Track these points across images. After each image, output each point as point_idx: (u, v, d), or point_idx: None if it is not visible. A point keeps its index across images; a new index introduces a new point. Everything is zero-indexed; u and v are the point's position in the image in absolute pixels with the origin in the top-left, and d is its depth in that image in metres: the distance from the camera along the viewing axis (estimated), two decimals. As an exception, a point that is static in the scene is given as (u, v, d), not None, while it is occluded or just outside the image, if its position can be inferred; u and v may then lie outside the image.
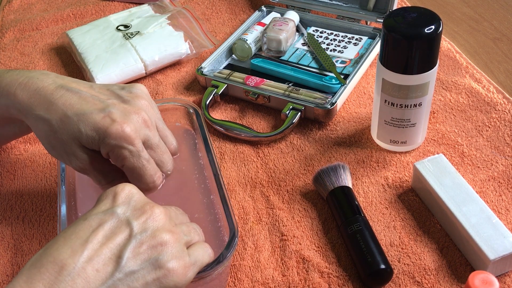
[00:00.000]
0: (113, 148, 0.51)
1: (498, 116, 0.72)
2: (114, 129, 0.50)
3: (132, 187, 0.47)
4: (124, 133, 0.50)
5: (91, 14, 1.01)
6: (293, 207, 0.64)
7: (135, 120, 0.52)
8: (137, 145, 0.51)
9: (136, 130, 0.51)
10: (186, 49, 0.86)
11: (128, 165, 0.52)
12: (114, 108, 0.52)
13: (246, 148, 0.72)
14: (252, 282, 0.57)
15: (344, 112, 0.76)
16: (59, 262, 0.40)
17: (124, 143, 0.51)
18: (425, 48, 0.59)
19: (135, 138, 0.51)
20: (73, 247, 0.41)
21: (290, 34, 0.84)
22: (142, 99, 0.55)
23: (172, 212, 0.49)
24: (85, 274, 0.40)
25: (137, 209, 0.45)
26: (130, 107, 0.53)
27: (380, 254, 0.55)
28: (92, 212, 0.45)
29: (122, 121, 0.51)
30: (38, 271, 0.40)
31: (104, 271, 0.41)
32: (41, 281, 0.39)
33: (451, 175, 0.60)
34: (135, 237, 0.43)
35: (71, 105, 0.52)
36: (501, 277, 0.55)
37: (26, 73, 0.55)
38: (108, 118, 0.51)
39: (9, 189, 0.69)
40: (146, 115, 0.53)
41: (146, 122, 0.53)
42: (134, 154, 0.52)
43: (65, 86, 0.53)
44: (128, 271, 0.42)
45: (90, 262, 0.41)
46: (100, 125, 0.51)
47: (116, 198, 0.45)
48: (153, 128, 0.54)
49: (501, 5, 0.96)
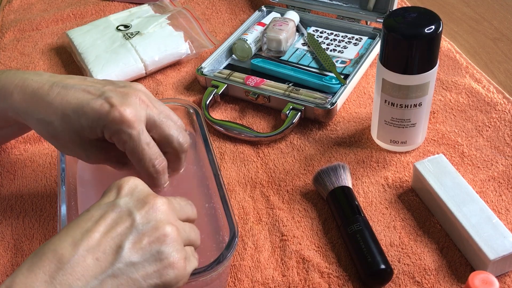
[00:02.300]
0: (114, 132, 0.51)
1: (498, 116, 0.72)
2: (113, 114, 0.50)
3: (136, 179, 0.47)
4: (123, 117, 0.51)
5: (91, 14, 1.01)
6: (293, 207, 0.64)
7: (134, 101, 0.52)
8: (136, 128, 0.51)
9: (135, 113, 0.51)
10: (186, 49, 0.86)
11: (128, 149, 0.52)
12: (111, 93, 0.52)
13: (246, 148, 0.72)
14: (252, 282, 0.57)
15: (344, 112, 0.76)
16: (59, 251, 0.41)
17: (124, 127, 0.51)
18: (425, 48, 0.59)
19: (134, 121, 0.51)
20: (74, 237, 0.42)
21: (290, 34, 0.84)
22: (138, 84, 0.55)
23: (176, 203, 0.48)
24: (84, 263, 0.41)
25: (140, 200, 0.45)
26: (127, 90, 0.53)
27: (380, 254, 0.55)
28: (96, 204, 0.45)
29: (120, 105, 0.51)
30: (39, 259, 0.41)
31: (104, 260, 0.41)
32: (42, 269, 0.40)
33: (451, 175, 0.60)
34: (136, 228, 0.43)
35: (68, 102, 0.52)
36: (501, 277, 0.55)
37: (20, 74, 0.55)
38: (106, 104, 0.51)
39: (9, 189, 0.69)
40: (144, 95, 0.53)
41: (144, 101, 0.53)
42: (134, 138, 0.51)
43: (60, 83, 0.54)
44: (129, 262, 0.42)
45: (91, 251, 0.41)
46: (99, 112, 0.51)
47: (120, 191, 0.46)
48: (153, 106, 0.54)
49: (501, 5, 0.97)
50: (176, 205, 0.48)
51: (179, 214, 0.48)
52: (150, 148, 0.53)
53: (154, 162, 0.53)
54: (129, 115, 0.51)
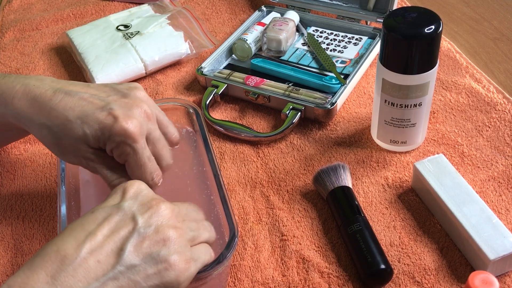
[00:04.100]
0: (117, 145, 0.51)
1: (498, 116, 0.72)
2: (118, 127, 0.51)
3: (142, 184, 0.48)
4: (128, 131, 0.51)
5: (91, 14, 1.01)
6: (293, 207, 0.64)
7: (137, 114, 0.52)
8: (140, 142, 0.52)
9: (140, 126, 0.52)
10: (186, 49, 0.86)
11: (130, 162, 0.52)
12: (115, 105, 0.52)
13: (246, 148, 0.72)
14: (252, 282, 0.57)
15: (344, 112, 0.76)
16: (62, 252, 0.41)
17: (128, 140, 0.51)
18: (425, 48, 0.59)
19: (138, 135, 0.51)
20: (77, 239, 0.42)
21: (290, 34, 0.84)
22: (140, 90, 0.55)
23: (182, 209, 0.49)
24: (86, 265, 0.41)
25: (144, 204, 0.46)
26: (131, 101, 0.53)
27: (380, 254, 0.55)
28: (100, 206, 0.46)
29: (125, 118, 0.51)
30: (41, 259, 0.41)
31: (106, 263, 0.42)
32: (44, 269, 0.40)
33: (451, 175, 0.60)
34: (138, 231, 0.44)
35: (71, 109, 0.52)
36: (501, 277, 0.55)
37: (21, 79, 0.55)
38: (110, 116, 0.51)
39: (9, 189, 0.69)
40: (147, 107, 0.54)
41: (148, 115, 0.53)
42: (137, 152, 0.52)
43: (63, 89, 0.53)
44: (129, 264, 0.42)
45: (93, 253, 0.42)
46: (104, 124, 0.51)
47: (125, 194, 0.46)
48: (154, 120, 0.54)
49: (501, 5, 0.97)
50: (183, 210, 0.49)
51: (186, 218, 0.48)
52: (151, 162, 0.53)
53: (153, 176, 0.54)
54: (133, 129, 0.51)
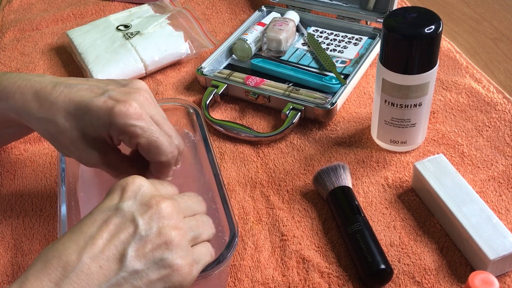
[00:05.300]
0: (123, 128, 0.50)
1: (498, 116, 0.72)
2: (118, 108, 0.49)
3: (141, 179, 0.46)
4: (129, 110, 0.49)
5: (91, 14, 1.01)
6: (293, 207, 0.64)
7: (137, 97, 0.51)
8: (146, 119, 0.50)
9: (141, 106, 0.50)
10: (186, 49, 0.86)
11: (142, 142, 0.50)
12: (113, 92, 0.51)
13: (246, 148, 0.72)
14: (252, 282, 0.57)
15: (344, 112, 0.76)
16: (64, 258, 0.41)
17: (133, 120, 0.49)
18: (425, 48, 0.59)
19: (142, 113, 0.50)
20: (78, 243, 0.42)
21: (290, 34, 0.84)
22: (141, 82, 0.54)
23: (182, 202, 0.48)
24: (89, 271, 0.40)
25: (143, 203, 0.45)
26: (130, 89, 0.52)
27: (380, 254, 0.55)
28: (99, 207, 0.45)
29: (125, 100, 0.50)
30: (44, 266, 0.41)
31: (108, 269, 0.41)
32: (47, 276, 0.40)
33: (451, 175, 0.60)
34: (140, 234, 0.43)
35: (71, 100, 0.51)
36: (501, 277, 0.55)
37: (23, 75, 0.55)
38: (110, 100, 0.50)
39: (9, 189, 0.69)
40: (147, 93, 0.53)
41: (148, 99, 0.52)
42: (146, 129, 0.50)
43: (63, 83, 0.53)
44: (132, 270, 0.42)
45: (95, 259, 0.41)
46: (104, 109, 0.50)
47: (123, 193, 0.45)
48: (156, 105, 0.53)
49: (501, 5, 0.97)
50: (182, 205, 0.48)
51: (186, 213, 0.47)
52: (163, 136, 0.51)
53: (172, 149, 0.52)
54: (135, 108, 0.50)
